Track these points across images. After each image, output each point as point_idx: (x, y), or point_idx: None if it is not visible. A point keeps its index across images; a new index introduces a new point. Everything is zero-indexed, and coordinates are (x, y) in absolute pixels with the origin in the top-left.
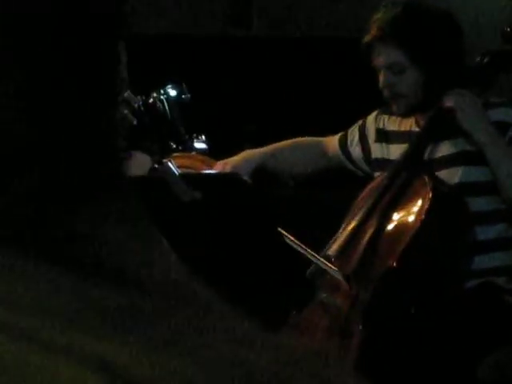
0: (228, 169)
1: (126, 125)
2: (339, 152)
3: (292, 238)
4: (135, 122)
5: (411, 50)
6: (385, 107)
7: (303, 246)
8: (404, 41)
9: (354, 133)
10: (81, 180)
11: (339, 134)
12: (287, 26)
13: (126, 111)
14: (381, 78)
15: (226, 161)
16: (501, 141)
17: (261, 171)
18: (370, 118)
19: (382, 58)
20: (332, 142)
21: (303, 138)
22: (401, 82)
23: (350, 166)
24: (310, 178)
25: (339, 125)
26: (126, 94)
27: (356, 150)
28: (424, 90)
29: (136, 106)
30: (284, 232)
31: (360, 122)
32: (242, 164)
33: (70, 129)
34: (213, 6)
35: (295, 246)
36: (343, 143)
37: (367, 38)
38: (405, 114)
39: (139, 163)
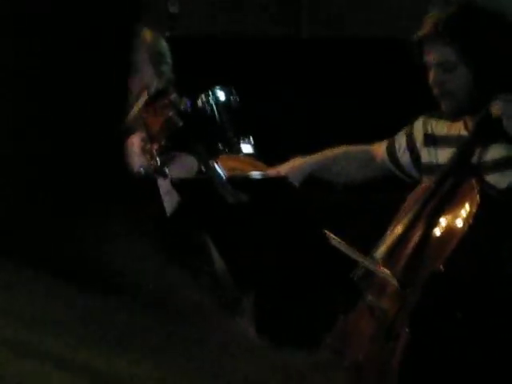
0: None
1: (172, 127)
2: (387, 159)
3: (340, 241)
4: (181, 124)
5: (463, 49)
6: (431, 112)
7: (351, 249)
8: (457, 39)
9: (400, 139)
10: (83, 193)
11: (386, 142)
12: (338, 26)
13: (171, 113)
14: (431, 75)
15: (278, 168)
16: None
17: (311, 178)
18: (418, 124)
19: (434, 54)
20: (379, 149)
21: (351, 147)
22: (451, 80)
23: (398, 173)
24: (358, 184)
25: (390, 128)
26: (172, 97)
27: (404, 156)
28: (474, 89)
29: (183, 108)
30: (332, 235)
31: (406, 128)
32: (295, 172)
33: (76, 143)
34: (263, 8)
35: (343, 249)
36: (391, 150)
37: (420, 34)
38: (453, 114)
39: (185, 165)
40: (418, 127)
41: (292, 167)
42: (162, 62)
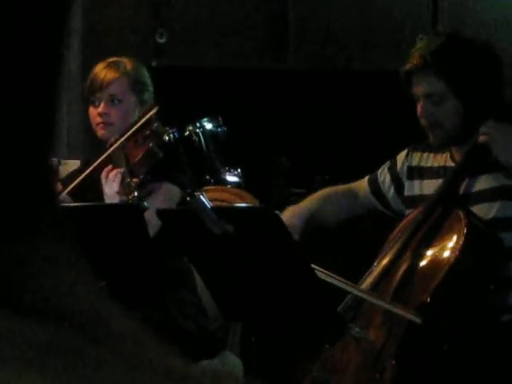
0: None
1: (152, 158)
2: (370, 196)
3: (329, 274)
4: (161, 156)
5: (452, 80)
6: (415, 145)
7: (342, 280)
8: (445, 70)
9: (384, 174)
10: (14, 221)
11: (367, 178)
12: (323, 59)
13: (151, 144)
14: (419, 107)
15: None
16: None
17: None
18: (401, 157)
19: (422, 86)
20: (361, 187)
21: (332, 189)
22: (439, 111)
23: (382, 208)
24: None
25: (371, 159)
26: (154, 126)
27: (391, 191)
28: (462, 120)
29: (166, 138)
30: (319, 268)
31: (388, 162)
32: (296, 221)
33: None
34: (249, 40)
35: (334, 282)
36: (375, 186)
37: (408, 66)
38: (441, 145)
39: (168, 195)
40: (402, 160)
41: (293, 216)
42: (143, 90)
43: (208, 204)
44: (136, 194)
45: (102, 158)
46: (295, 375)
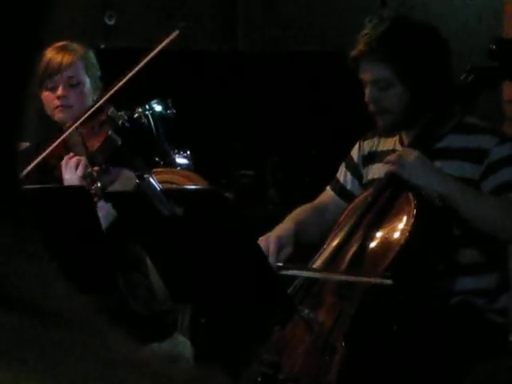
0: (274, 241)
1: (111, 146)
2: (338, 200)
3: (289, 268)
4: (120, 142)
5: (397, 66)
6: (365, 135)
7: (301, 268)
8: (390, 56)
9: (343, 174)
10: None
11: (328, 188)
12: (273, 42)
13: (109, 131)
14: (367, 93)
15: (268, 235)
16: (459, 185)
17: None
18: (354, 151)
19: (369, 72)
20: (326, 197)
21: (301, 211)
22: (386, 97)
23: None
24: None
25: (327, 138)
26: (110, 111)
27: (355, 186)
28: (409, 105)
29: (120, 123)
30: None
31: (343, 163)
32: (285, 237)
33: None
34: (199, 22)
35: (294, 273)
36: (339, 190)
37: (354, 53)
38: (388, 130)
39: (126, 180)
40: (356, 154)
41: (282, 233)
42: (96, 75)
43: (158, 186)
44: (99, 183)
45: (57, 142)
46: (245, 357)
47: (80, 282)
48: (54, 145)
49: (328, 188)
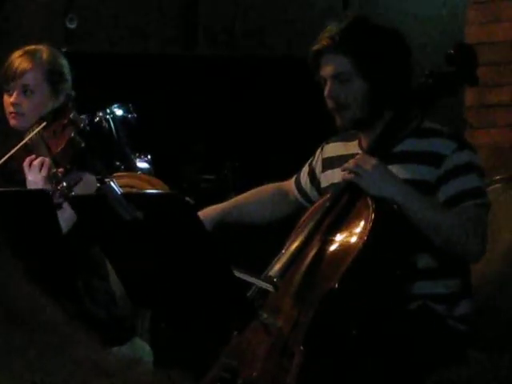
0: None
1: (75, 148)
2: (298, 194)
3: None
4: (83, 144)
5: (358, 59)
6: (329, 138)
7: (244, 273)
8: (351, 49)
9: (304, 172)
10: None
11: (294, 176)
12: (232, 45)
13: (72, 134)
14: (326, 89)
15: None
16: (417, 195)
17: (224, 224)
18: (318, 152)
19: (330, 66)
20: (290, 185)
21: (264, 187)
22: (346, 91)
23: (306, 204)
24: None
25: (281, 145)
26: (72, 115)
27: (308, 185)
28: (369, 102)
29: (82, 126)
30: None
31: (306, 164)
32: (205, 220)
33: None
34: (159, 26)
35: (241, 276)
36: (299, 185)
37: (316, 47)
38: (347, 126)
39: (88, 184)
40: (317, 155)
41: (202, 215)
42: (59, 81)
43: (119, 190)
44: (65, 184)
45: (19, 146)
46: (205, 362)
47: (42, 284)
48: (15, 149)
49: (293, 180)
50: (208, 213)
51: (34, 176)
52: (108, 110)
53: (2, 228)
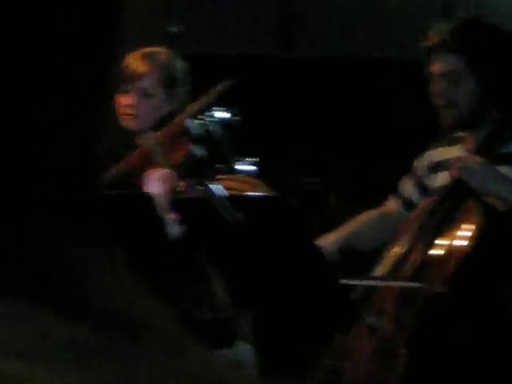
0: None
1: (193, 161)
2: (403, 211)
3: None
4: (200, 155)
5: (470, 58)
6: (430, 144)
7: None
8: (464, 48)
9: (406, 185)
10: (66, 223)
11: (391, 198)
12: (331, 46)
13: (190, 146)
14: (435, 86)
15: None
16: None
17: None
18: (417, 162)
19: (440, 64)
20: (390, 206)
21: (367, 214)
22: (455, 90)
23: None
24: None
25: (386, 145)
26: (185, 123)
27: (418, 197)
28: (478, 103)
29: (197, 134)
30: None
31: (407, 175)
32: (331, 247)
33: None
34: (261, 28)
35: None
36: (403, 202)
37: (427, 44)
38: (452, 126)
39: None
40: (416, 163)
41: (326, 243)
42: (174, 85)
43: (222, 192)
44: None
45: (138, 152)
46: (308, 364)
47: (148, 288)
48: (135, 155)
49: (391, 198)
50: (329, 241)
51: (156, 188)
52: (210, 112)
53: (114, 232)
